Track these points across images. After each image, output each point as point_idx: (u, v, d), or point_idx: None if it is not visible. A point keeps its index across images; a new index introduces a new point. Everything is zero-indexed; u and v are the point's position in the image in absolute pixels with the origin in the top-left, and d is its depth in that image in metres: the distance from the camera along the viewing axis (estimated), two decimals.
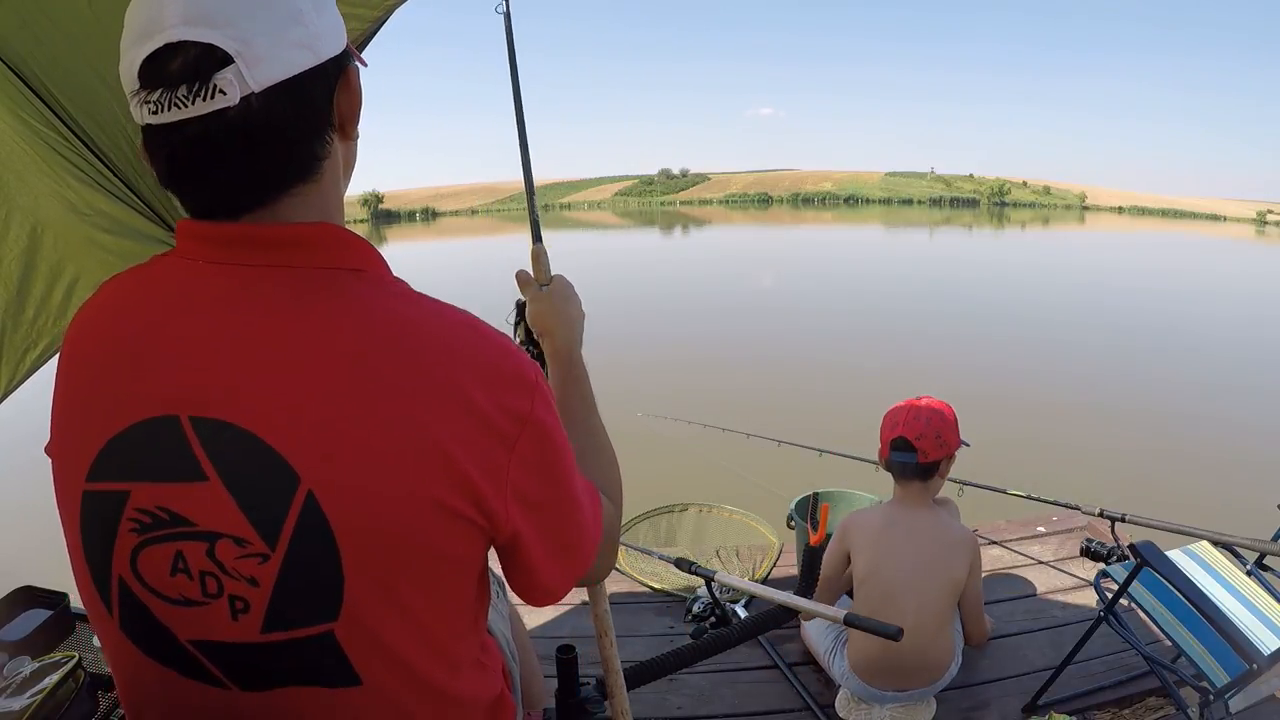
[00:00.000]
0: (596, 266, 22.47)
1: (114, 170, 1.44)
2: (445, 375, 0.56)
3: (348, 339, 0.55)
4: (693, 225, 65.62)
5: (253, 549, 0.54)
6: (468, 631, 0.66)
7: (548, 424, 0.62)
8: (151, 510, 0.55)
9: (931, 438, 1.72)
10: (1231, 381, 7.90)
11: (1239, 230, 64.31)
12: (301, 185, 0.59)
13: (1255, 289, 18.34)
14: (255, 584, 0.54)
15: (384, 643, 0.57)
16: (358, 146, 0.66)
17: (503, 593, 1.17)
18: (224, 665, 0.57)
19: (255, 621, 0.55)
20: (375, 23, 1.33)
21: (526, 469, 0.60)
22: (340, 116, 0.60)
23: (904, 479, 1.78)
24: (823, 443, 3.07)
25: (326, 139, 0.59)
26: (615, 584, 2.54)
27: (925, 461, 1.73)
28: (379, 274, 0.61)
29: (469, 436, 0.56)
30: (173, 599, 0.56)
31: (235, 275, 0.57)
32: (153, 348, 0.57)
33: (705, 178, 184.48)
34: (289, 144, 0.57)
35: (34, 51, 1.24)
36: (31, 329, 1.58)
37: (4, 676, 1.46)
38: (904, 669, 1.71)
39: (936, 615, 1.70)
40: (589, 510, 0.70)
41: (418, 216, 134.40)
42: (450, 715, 0.65)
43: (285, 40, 0.54)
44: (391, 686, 0.59)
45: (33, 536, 0.62)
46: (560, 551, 0.67)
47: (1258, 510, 2.02)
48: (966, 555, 1.73)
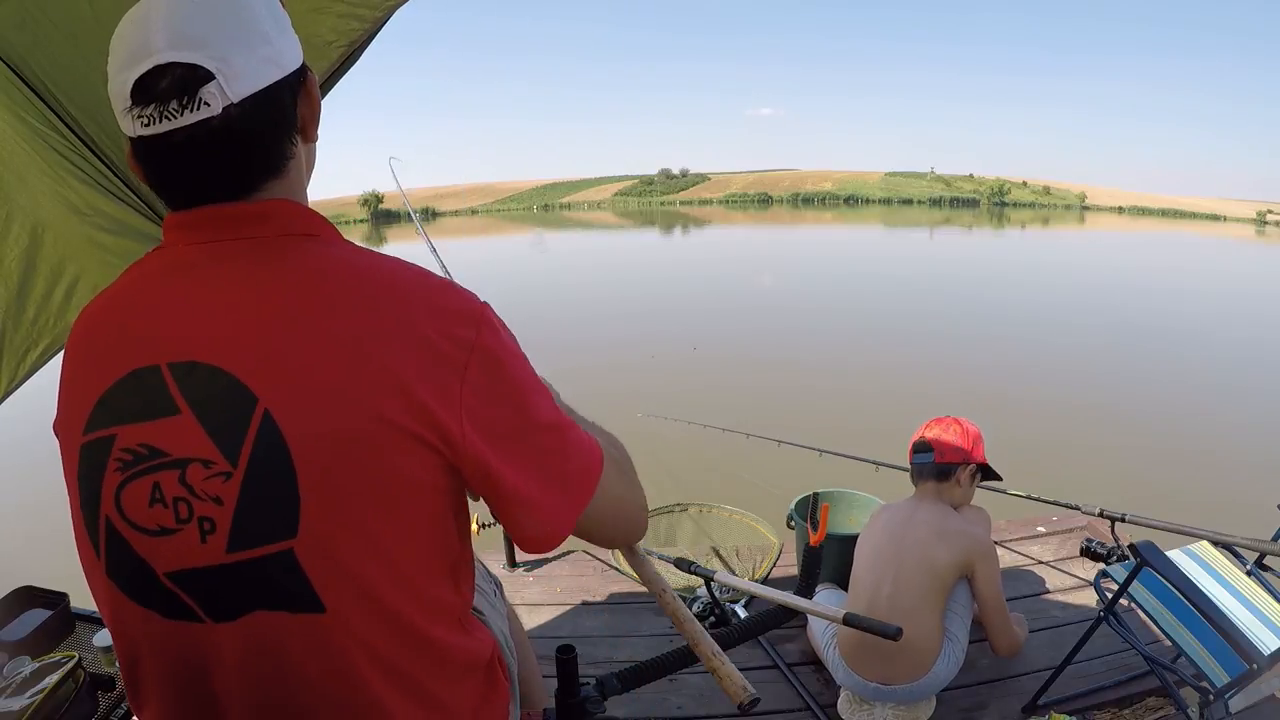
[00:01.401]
0: (597, 266, 22.46)
1: (114, 170, 1.44)
2: (392, 304, 0.62)
3: (302, 280, 0.62)
4: (693, 225, 65.61)
5: (218, 468, 0.59)
6: (443, 576, 0.67)
7: (496, 351, 0.65)
8: (134, 448, 0.61)
9: (949, 442, 1.83)
10: (1232, 381, 7.91)
11: (1239, 230, 64.32)
12: (271, 181, 0.67)
13: (1256, 288, 18.35)
14: (220, 502, 0.59)
15: (345, 567, 0.60)
16: (316, 150, 0.75)
17: (500, 591, 1.18)
18: (197, 594, 0.61)
19: (221, 541, 0.59)
20: (375, 23, 1.33)
21: (480, 395, 0.63)
22: (302, 120, 0.69)
23: (920, 479, 1.87)
24: (823, 443, 3.07)
25: (292, 140, 0.68)
26: (615, 584, 2.54)
27: (940, 462, 1.82)
28: (331, 237, 0.68)
29: (419, 360, 0.61)
30: (151, 530, 0.61)
31: (205, 249, 0.65)
32: (137, 314, 0.65)
33: (705, 178, 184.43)
34: (263, 146, 0.65)
35: (34, 51, 1.24)
36: (32, 329, 1.58)
37: (4, 676, 1.46)
38: (883, 652, 1.72)
39: (913, 597, 1.71)
40: (576, 441, 0.71)
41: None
42: (429, 665, 0.66)
43: (256, 57, 0.62)
44: (358, 617, 0.61)
45: (33, 536, 0.62)
46: (547, 482, 0.67)
47: (1258, 510, 2.02)
48: (958, 547, 1.72)
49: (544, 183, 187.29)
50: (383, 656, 0.63)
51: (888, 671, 1.74)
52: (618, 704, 1.75)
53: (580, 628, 2.30)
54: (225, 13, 0.62)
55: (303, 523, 0.58)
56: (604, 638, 2.24)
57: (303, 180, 0.71)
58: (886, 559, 1.76)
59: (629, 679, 1.09)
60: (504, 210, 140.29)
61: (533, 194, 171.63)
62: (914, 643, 1.71)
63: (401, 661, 0.64)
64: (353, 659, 0.62)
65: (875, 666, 1.75)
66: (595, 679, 1.09)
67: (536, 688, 1.16)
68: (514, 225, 77.90)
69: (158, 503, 0.60)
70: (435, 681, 0.68)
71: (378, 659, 0.63)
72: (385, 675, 0.64)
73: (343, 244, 0.68)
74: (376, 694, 0.64)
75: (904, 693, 1.75)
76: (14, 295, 1.52)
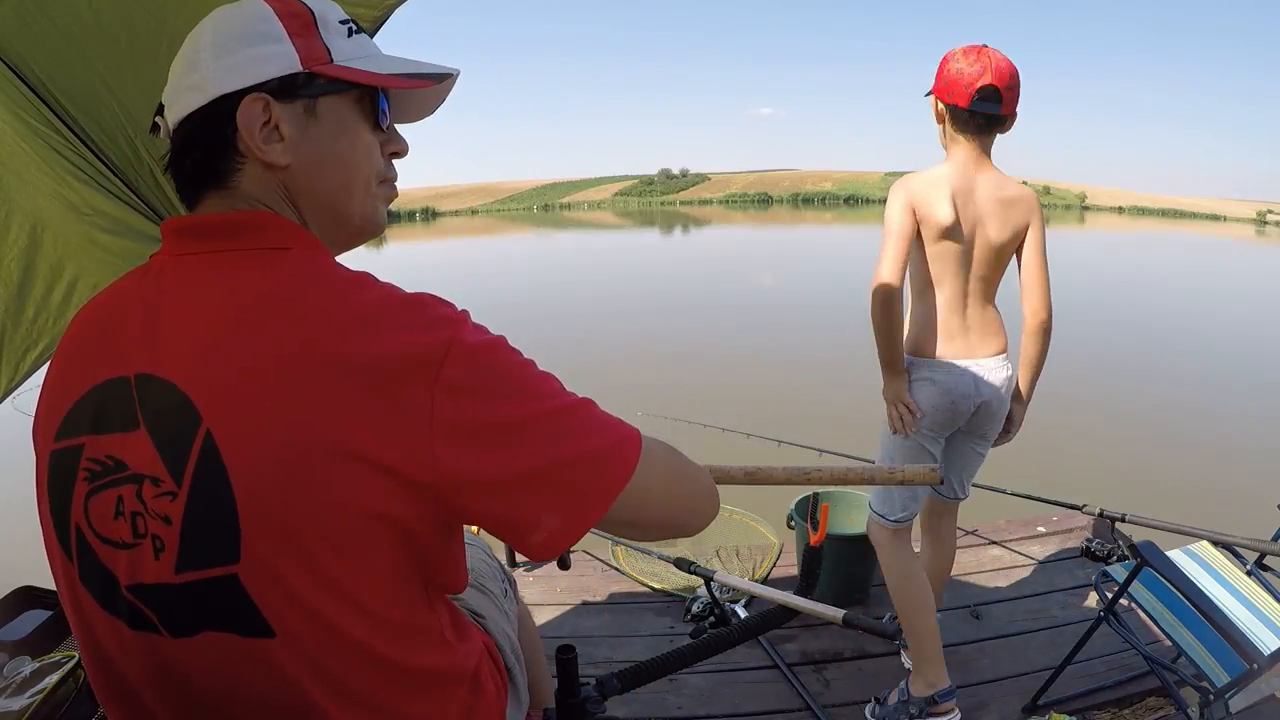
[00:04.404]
0: (597, 265, 22.45)
1: (114, 170, 1.44)
2: (349, 323, 0.59)
3: (259, 297, 0.61)
4: (693, 225, 65.60)
5: (165, 487, 0.59)
6: (413, 599, 0.64)
7: (475, 348, 0.60)
8: (101, 459, 0.62)
9: (1017, 88, 1.59)
10: (1232, 381, 7.91)
11: (1239, 230, 64.33)
12: (216, 191, 0.68)
13: (1256, 288, 18.34)
14: (169, 522, 0.59)
15: (292, 594, 0.57)
16: (312, 156, 0.69)
17: (512, 590, 1.17)
18: (155, 609, 0.60)
19: (170, 560, 0.59)
20: (375, 23, 1.33)
21: (460, 399, 0.57)
22: (245, 139, 0.67)
23: (982, 134, 1.62)
24: (823, 443, 3.07)
25: (233, 158, 0.68)
26: (615, 584, 2.54)
27: (1007, 113, 1.60)
28: (305, 252, 0.67)
29: (374, 382, 0.56)
30: (115, 542, 0.61)
31: (180, 260, 0.66)
32: (117, 322, 0.66)
33: (705, 178, 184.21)
34: (197, 162, 0.68)
35: (34, 51, 1.24)
36: (31, 329, 1.58)
37: (4, 676, 1.46)
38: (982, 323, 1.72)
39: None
40: (601, 422, 0.64)
41: (418, 216, 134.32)
42: (396, 686, 0.64)
43: (183, 86, 0.67)
44: (310, 643, 0.59)
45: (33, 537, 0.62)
46: (567, 465, 0.61)
47: (1258, 510, 2.02)
48: (1029, 208, 1.68)
49: (544, 183, 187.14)
50: (338, 680, 0.61)
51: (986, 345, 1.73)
52: (618, 704, 1.75)
53: (580, 628, 2.30)
54: (184, 49, 0.69)
55: (244, 548, 0.56)
56: (604, 638, 2.24)
57: (270, 185, 0.68)
58: (973, 237, 1.65)
59: (629, 679, 1.09)
60: (504, 210, 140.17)
61: (533, 194, 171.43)
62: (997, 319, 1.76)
63: (359, 685, 0.62)
64: (305, 683, 0.60)
65: (978, 337, 1.74)
66: (595, 679, 1.09)
67: (546, 687, 1.16)
68: (515, 225, 77.85)
69: (121, 517, 0.60)
70: (403, 703, 0.65)
71: (332, 682, 0.61)
72: (341, 699, 0.61)
73: (314, 259, 0.66)
74: (332, 717, 0.61)
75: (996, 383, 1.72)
76: (13, 295, 1.52)
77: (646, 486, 0.66)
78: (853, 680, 2.01)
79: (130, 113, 1.34)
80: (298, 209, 0.70)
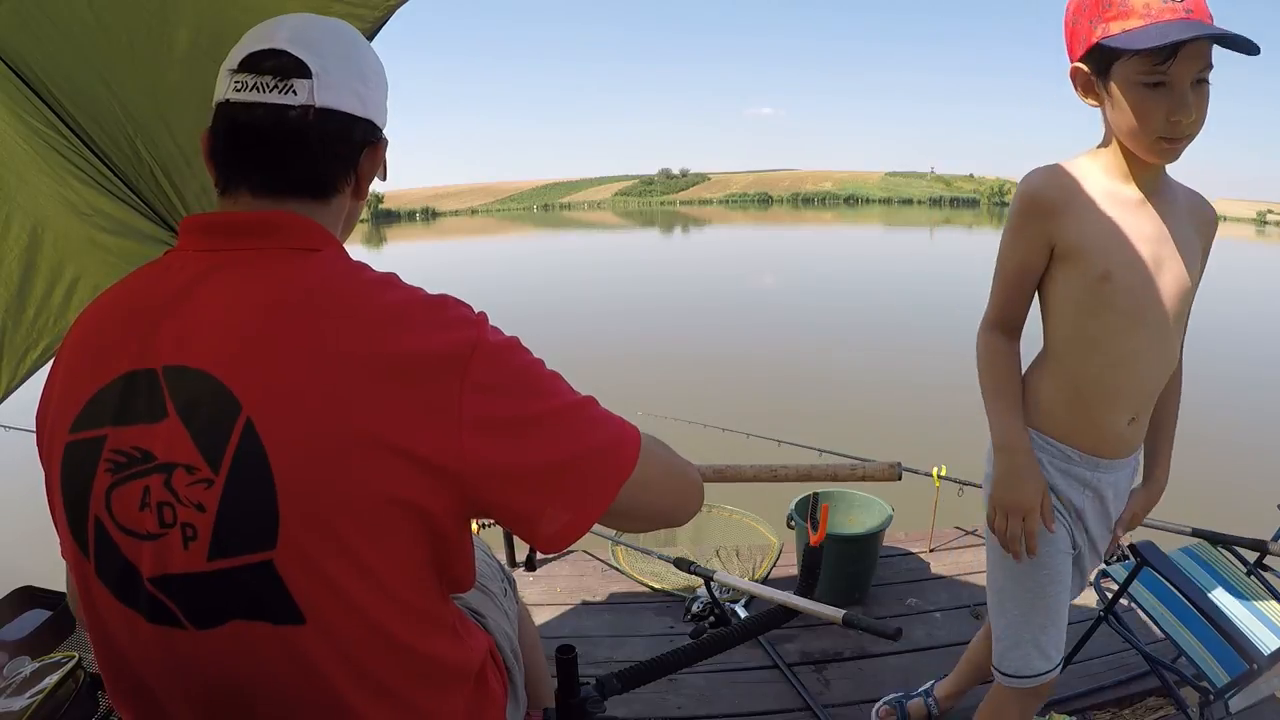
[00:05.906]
0: (597, 265, 22.47)
1: (114, 170, 1.44)
2: (383, 322, 0.62)
3: (296, 293, 0.63)
4: (693, 225, 65.64)
5: (200, 475, 0.59)
6: (433, 588, 0.66)
7: (498, 347, 0.64)
8: (126, 450, 0.62)
9: None
10: (1232, 380, 7.90)
11: (1239, 230, 64.37)
12: (310, 200, 0.70)
13: (1256, 287, 18.34)
14: (202, 509, 0.59)
15: (327, 580, 0.59)
16: (360, 212, 0.80)
17: (512, 590, 1.17)
18: (180, 600, 0.60)
19: (202, 548, 0.59)
20: (376, 23, 1.33)
21: (485, 394, 0.61)
22: (361, 171, 0.73)
23: None
24: (823, 443, 3.07)
25: (346, 178, 0.72)
26: (615, 584, 2.54)
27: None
28: (334, 253, 0.69)
29: (407, 377, 0.60)
30: (139, 534, 0.61)
31: (209, 257, 0.66)
32: (138, 317, 0.66)
33: (705, 178, 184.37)
34: (314, 159, 0.69)
35: (34, 51, 1.24)
36: (32, 329, 1.58)
37: (4, 676, 1.46)
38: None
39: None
40: (605, 418, 0.68)
41: (418, 216, 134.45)
42: (414, 677, 0.65)
43: (349, 85, 0.69)
44: (339, 630, 0.60)
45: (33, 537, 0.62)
46: (575, 460, 0.65)
47: (1258, 510, 2.02)
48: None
49: (544, 183, 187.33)
50: (364, 669, 0.62)
51: None
52: (618, 704, 1.75)
53: (580, 628, 2.30)
54: (342, 42, 0.71)
55: (282, 534, 0.58)
56: (604, 638, 2.24)
57: (339, 223, 0.74)
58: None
59: (629, 679, 1.09)
60: (504, 210, 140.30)
61: (533, 194, 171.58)
62: None
63: (384, 674, 0.64)
64: (332, 672, 0.61)
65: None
66: (595, 679, 1.09)
67: (546, 687, 1.16)
68: (515, 225, 77.91)
69: (147, 507, 0.60)
70: (420, 694, 0.67)
71: (358, 672, 0.62)
72: (365, 688, 0.63)
73: (343, 260, 0.68)
74: (355, 707, 0.63)
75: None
76: (14, 295, 1.52)
77: (644, 479, 0.69)
78: (853, 680, 2.01)
79: (130, 113, 1.34)
80: None
